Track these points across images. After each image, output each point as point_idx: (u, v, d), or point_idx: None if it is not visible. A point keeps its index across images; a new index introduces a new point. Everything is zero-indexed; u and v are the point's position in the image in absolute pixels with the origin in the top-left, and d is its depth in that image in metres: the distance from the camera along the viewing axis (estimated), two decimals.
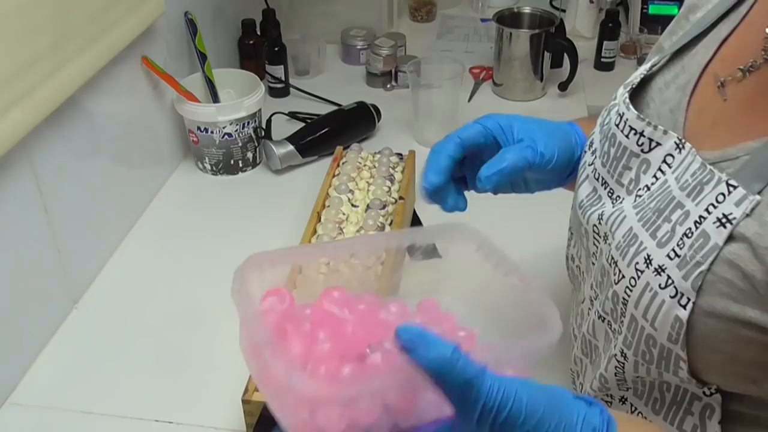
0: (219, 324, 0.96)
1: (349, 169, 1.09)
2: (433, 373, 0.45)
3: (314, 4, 1.65)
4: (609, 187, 0.66)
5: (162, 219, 1.17)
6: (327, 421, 0.48)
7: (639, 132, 0.62)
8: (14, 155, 0.83)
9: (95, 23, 0.95)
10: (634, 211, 0.61)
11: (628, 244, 0.59)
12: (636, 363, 0.60)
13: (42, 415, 0.85)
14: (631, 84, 0.67)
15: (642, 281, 0.57)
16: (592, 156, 0.69)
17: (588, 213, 0.67)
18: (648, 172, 0.62)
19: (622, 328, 0.61)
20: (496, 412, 0.46)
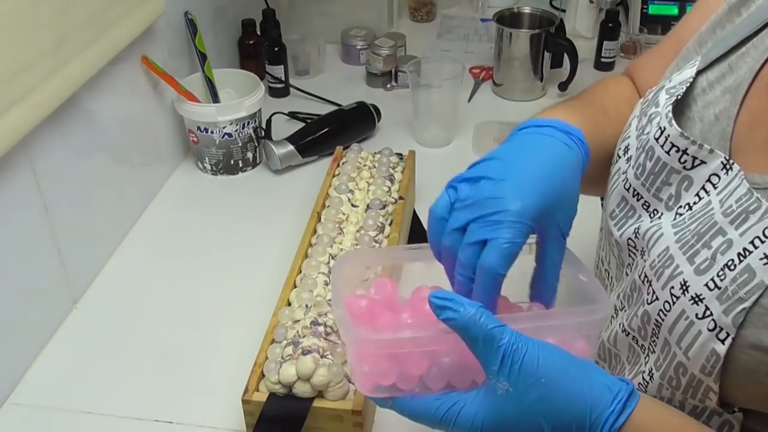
0: (219, 324, 0.97)
1: (349, 169, 1.09)
2: (459, 329, 0.50)
3: (314, 4, 1.65)
4: (644, 200, 0.62)
5: (162, 219, 1.17)
6: (379, 371, 0.54)
7: (682, 150, 0.58)
8: (14, 155, 0.83)
9: (95, 23, 0.95)
10: (673, 231, 0.58)
11: (663, 265, 0.57)
12: (660, 386, 0.59)
13: (42, 415, 0.85)
14: (676, 94, 0.62)
15: (677, 307, 0.55)
16: (626, 164, 0.64)
17: (623, 226, 0.64)
18: (690, 189, 0.58)
19: (654, 348, 0.59)
20: (513, 360, 0.49)
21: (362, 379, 0.56)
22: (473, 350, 0.51)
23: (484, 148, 1.32)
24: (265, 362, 0.78)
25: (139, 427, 0.83)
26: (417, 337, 0.53)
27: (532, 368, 0.49)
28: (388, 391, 0.55)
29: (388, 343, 0.54)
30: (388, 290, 0.62)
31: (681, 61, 0.68)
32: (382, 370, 0.55)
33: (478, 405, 0.51)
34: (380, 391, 0.56)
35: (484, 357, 0.50)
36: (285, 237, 1.09)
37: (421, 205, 1.17)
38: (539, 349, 0.50)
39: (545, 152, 0.60)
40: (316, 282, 0.88)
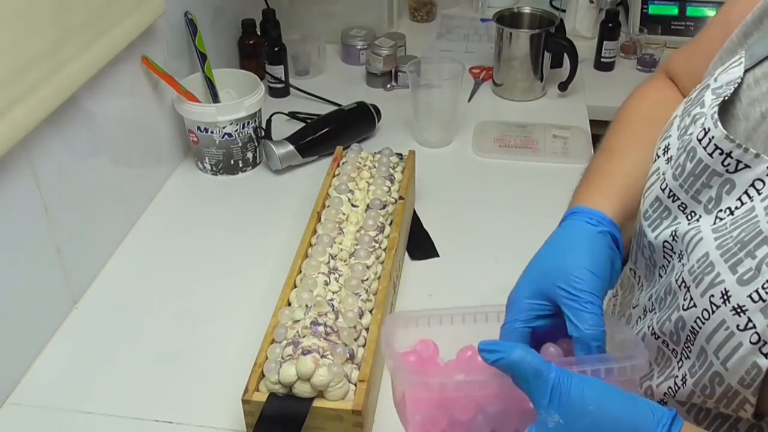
0: (219, 324, 0.97)
1: (349, 169, 1.09)
2: (509, 368, 0.53)
3: (314, 4, 1.65)
4: (680, 201, 0.61)
5: (162, 219, 1.17)
6: (428, 417, 0.58)
7: (726, 152, 0.56)
8: (14, 155, 0.83)
9: (95, 23, 0.95)
10: (713, 236, 0.56)
11: (703, 272, 0.56)
12: (692, 393, 0.59)
13: (42, 415, 0.85)
14: (723, 95, 0.60)
15: (717, 317, 0.54)
16: (666, 164, 0.63)
17: (657, 228, 0.63)
18: (732, 193, 0.57)
19: (689, 354, 0.58)
20: (561, 392, 0.51)
21: (414, 427, 0.59)
22: (523, 387, 0.53)
23: (484, 148, 1.32)
24: (265, 362, 0.78)
25: (139, 427, 0.83)
26: (469, 381, 0.56)
27: (579, 398, 0.52)
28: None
29: (441, 386, 0.56)
30: (431, 350, 0.65)
31: (725, 54, 0.66)
32: (432, 417, 0.58)
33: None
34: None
35: (534, 392, 0.52)
36: (285, 237, 1.09)
37: (421, 205, 1.17)
38: (584, 380, 0.53)
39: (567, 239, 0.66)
40: (316, 282, 0.88)
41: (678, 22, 1.66)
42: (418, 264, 1.07)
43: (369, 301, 0.88)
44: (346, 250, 0.95)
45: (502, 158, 1.30)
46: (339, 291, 0.88)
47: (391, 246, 0.97)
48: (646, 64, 1.59)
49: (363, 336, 0.84)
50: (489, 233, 1.10)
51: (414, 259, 1.07)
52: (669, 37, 1.63)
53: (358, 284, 0.88)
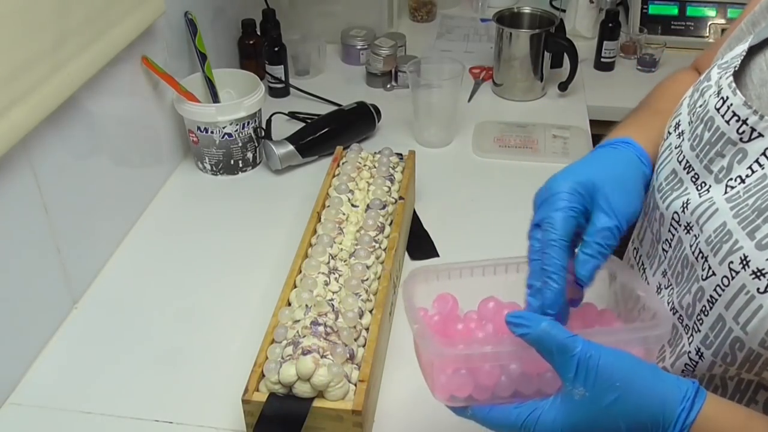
0: (219, 324, 0.97)
1: (349, 169, 1.09)
2: (535, 342, 0.54)
3: (314, 4, 1.65)
4: (694, 172, 0.63)
5: (162, 219, 1.17)
6: (457, 385, 0.59)
7: (743, 120, 0.59)
8: (14, 155, 0.83)
9: (95, 23, 0.95)
10: (728, 205, 0.58)
11: (721, 240, 0.57)
12: (713, 363, 0.59)
13: (42, 415, 0.85)
14: (732, 66, 0.62)
15: (736, 282, 0.55)
16: (678, 138, 0.66)
17: (669, 199, 0.65)
18: (743, 162, 0.59)
19: (699, 326, 0.60)
20: (588, 367, 0.53)
21: (440, 390, 0.60)
22: (549, 361, 0.54)
23: (484, 148, 1.32)
24: (265, 362, 0.78)
25: (139, 427, 0.83)
26: (495, 352, 0.57)
27: (606, 373, 0.53)
28: (464, 401, 0.60)
29: (468, 358, 0.58)
30: (450, 304, 0.66)
31: (733, 42, 0.68)
32: (459, 382, 0.59)
33: (557, 410, 0.55)
34: (457, 400, 0.60)
35: (560, 366, 0.54)
36: (285, 237, 1.09)
37: (421, 205, 1.17)
38: (611, 354, 0.53)
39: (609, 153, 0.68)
40: (316, 282, 0.88)
41: (678, 22, 1.66)
42: (418, 264, 1.07)
43: (369, 301, 0.88)
44: (346, 250, 0.95)
45: (502, 158, 1.30)
46: (339, 291, 0.88)
47: (391, 246, 0.97)
48: (646, 64, 1.59)
49: (363, 336, 0.84)
50: (489, 233, 1.10)
51: (414, 259, 1.07)
52: (669, 37, 1.63)
53: (358, 284, 0.88)
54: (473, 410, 0.59)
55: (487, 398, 0.60)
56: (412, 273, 0.67)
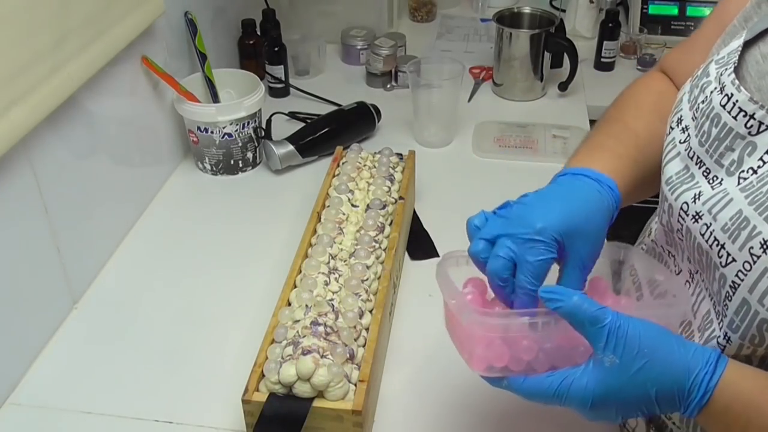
0: (219, 324, 0.97)
1: (349, 169, 1.09)
2: (567, 314, 0.57)
3: (314, 4, 1.65)
4: (705, 167, 0.65)
5: (162, 219, 1.17)
6: (495, 355, 0.62)
7: (750, 114, 0.61)
8: (14, 155, 0.83)
9: (95, 23, 0.95)
10: (743, 195, 0.60)
11: (739, 227, 0.59)
12: (741, 345, 0.62)
13: (42, 415, 0.85)
14: (732, 62, 0.64)
15: (759, 266, 0.57)
16: (682, 134, 0.68)
17: (678, 191, 0.67)
18: (753, 155, 0.61)
19: (726, 311, 0.62)
20: (618, 336, 0.56)
21: (478, 361, 0.63)
22: (581, 331, 0.58)
23: (484, 148, 1.32)
24: (265, 362, 0.78)
25: (139, 427, 0.83)
26: (532, 323, 0.61)
27: (635, 341, 0.56)
28: (500, 372, 0.62)
29: (508, 327, 0.61)
30: (481, 287, 0.69)
31: (727, 37, 0.70)
32: (497, 353, 0.62)
33: (588, 377, 0.58)
34: (493, 371, 0.63)
35: (591, 336, 0.57)
36: (285, 237, 1.09)
37: (421, 205, 1.17)
38: (638, 324, 0.57)
39: (575, 191, 0.68)
40: (316, 282, 0.88)
41: (678, 22, 1.66)
42: (418, 264, 1.07)
43: (369, 301, 0.88)
44: (346, 250, 0.95)
45: (502, 158, 1.30)
46: (339, 291, 0.88)
47: (391, 246, 0.97)
48: (646, 64, 1.59)
49: (363, 336, 0.84)
50: None
51: (414, 259, 1.07)
52: (669, 37, 1.63)
53: (358, 284, 0.88)
54: (509, 381, 0.62)
55: (522, 369, 0.62)
56: (445, 256, 0.70)
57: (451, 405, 0.85)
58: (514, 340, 0.62)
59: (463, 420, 0.84)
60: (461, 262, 0.70)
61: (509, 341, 0.62)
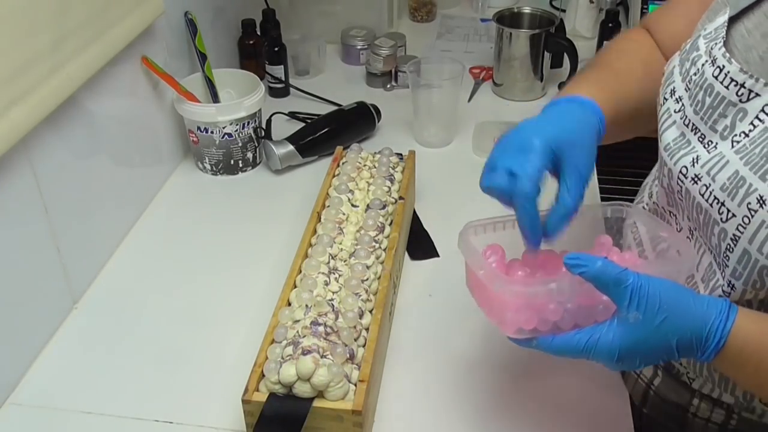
0: (219, 324, 0.97)
1: (349, 169, 1.09)
2: (592, 278, 0.62)
3: (314, 4, 1.65)
4: (701, 132, 0.71)
5: (162, 219, 1.17)
6: (524, 318, 0.67)
7: (740, 84, 0.67)
8: (14, 155, 0.83)
9: (94, 23, 0.95)
10: (737, 156, 0.66)
11: (736, 186, 0.65)
12: (744, 291, 0.68)
13: (42, 415, 0.85)
14: (720, 37, 0.70)
15: (757, 219, 0.63)
16: (676, 104, 0.74)
17: (677, 156, 0.72)
18: (744, 120, 0.67)
19: (727, 262, 0.68)
20: (640, 294, 0.61)
21: (509, 324, 0.68)
22: (605, 293, 0.63)
23: (484, 148, 1.32)
24: (265, 362, 0.78)
25: (139, 427, 0.83)
26: (559, 288, 0.66)
27: (655, 298, 0.62)
28: (529, 333, 0.68)
29: (536, 293, 0.66)
30: (500, 254, 0.74)
31: (711, 14, 0.75)
32: (526, 316, 0.67)
33: (614, 333, 0.63)
34: (523, 333, 0.68)
35: (616, 296, 0.62)
36: (285, 237, 1.09)
37: (421, 205, 1.17)
38: (657, 282, 0.62)
39: (562, 112, 0.75)
40: (316, 282, 0.88)
41: None
42: (418, 264, 1.07)
43: (369, 301, 0.88)
44: (346, 250, 0.95)
45: None
46: (339, 291, 0.88)
47: (391, 246, 0.97)
48: None
49: (363, 336, 0.84)
50: None
51: (414, 259, 1.07)
52: None
53: (358, 284, 0.88)
54: (538, 341, 0.67)
55: (549, 329, 0.67)
56: (465, 226, 0.75)
57: (451, 405, 0.85)
58: (541, 303, 0.66)
59: (464, 420, 0.84)
60: (479, 231, 0.75)
61: (536, 305, 0.67)
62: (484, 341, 0.93)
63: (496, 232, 0.76)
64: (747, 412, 0.80)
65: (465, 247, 0.72)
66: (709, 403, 0.83)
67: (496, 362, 0.90)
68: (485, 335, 0.94)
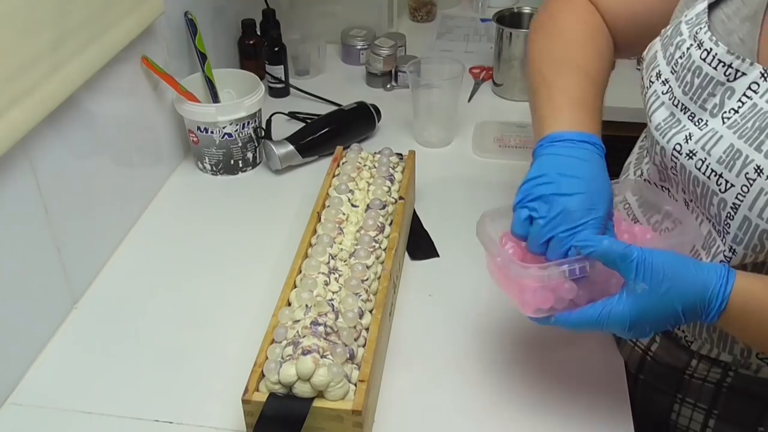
0: (219, 324, 0.97)
1: (349, 169, 1.09)
2: (601, 256, 0.67)
3: (314, 4, 1.65)
4: (690, 111, 0.74)
5: (162, 219, 1.17)
6: (541, 299, 0.72)
7: (728, 64, 0.71)
8: (14, 155, 0.83)
9: (94, 23, 0.95)
10: (730, 131, 0.70)
11: (733, 158, 0.69)
12: (745, 255, 0.72)
13: (42, 415, 0.85)
14: (704, 22, 0.74)
15: (755, 187, 0.67)
16: (663, 86, 0.77)
17: (669, 134, 0.76)
18: (732, 97, 0.71)
19: (728, 229, 0.71)
20: (645, 266, 0.66)
21: (528, 305, 0.73)
22: (614, 268, 0.67)
23: (484, 148, 1.32)
24: (265, 362, 0.78)
25: (139, 427, 0.83)
26: (571, 268, 0.70)
27: (660, 268, 0.66)
28: (547, 312, 0.72)
29: (552, 275, 0.70)
30: (514, 239, 0.77)
31: (689, 1, 0.79)
32: (543, 297, 0.72)
33: (624, 304, 0.68)
34: (541, 312, 0.73)
35: (623, 270, 0.67)
36: (285, 237, 1.09)
37: (421, 205, 1.17)
38: (660, 254, 0.67)
39: (587, 165, 0.76)
40: (316, 282, 0.88)
41: None
42: (418, 264, 1.07)
43: (369, 301, 0.88)
44: (346, 250, 0.95)
45: (502, 158, 1.30)
46: (339, 291, 0.88)
47: (391, 246, 0.97)
48: None
49: (363, 336, 0.84)
50: None
51: (414, 259, 1.07)
52: None
53: (358, 284, 0.88)
54: (556, 318, 0.72)
55: (565, 307, 0.72)
56: (482, 215, 0.79)
57: (451, 405, 0.85)
58: (555, 284, 0.71)
59: (464, 420, 0.84)
60: (495, 218, 0.79)
61: (551, 286, 0.71)
62: (484, 341, 0.93)
63: (509, 219, 0.79)
64: (743, 368, 0.84)
65: (483, 236, 0.77)
66: (708, 363, 0.86)
67: (495, 362, 0.90)
68: (485, 335, 0.94)
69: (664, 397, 0.93)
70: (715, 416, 0.89)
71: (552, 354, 0.92)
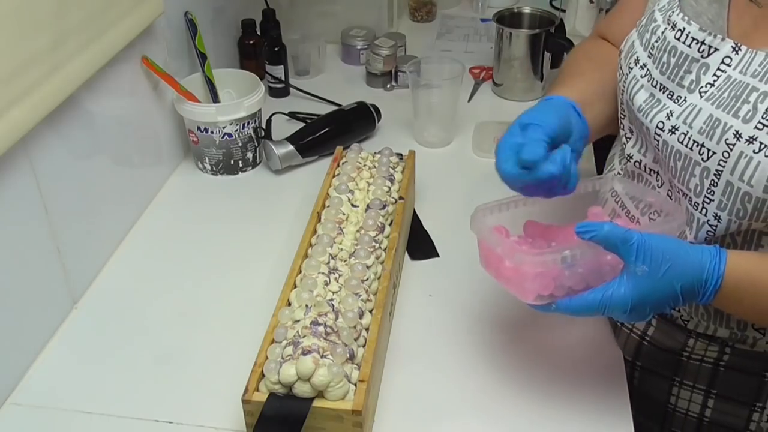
0: (219, 324, 0.97)
1: (349, 169, 1.09)
2: (602, 240, 0.70)
3: (314, 4, 1.65)
4: (669, 90, 0.78)
5: (162, 219, 1.17)
6: (541, 285, 0.73)
7: (701, 41, 0.75)
8: (14, 155, 0.83)
9: (94, 23, 0.95)
10: (708, 103, 0.74)
11: (713, 127, 0.73)
12: (729, 222, 0.75)
13: (42, 415, 0.85)
14: (676, 6, 0.79)
15: (735, 151, 0.71)
16: (641, 70, 0.82)
17: (650, 114, 0.79)
18: (708, 72, 0.75)
19: (712, 197, 0.75)
20: (645, 249, 0.69)
21: (528, 292, 0.74)
22: (614, 252, 0.70)
23: (485, 148, 1.32)
24: (265, 362, 0.78)
25: (139, 427, 0.83)
26: (573, 254, 0.72)
27: (658, 251, 0.69)
28: (548, 299, 0.74)
29: (554, 260, 0.72)
30: (505, 233, 0.80)
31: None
32: (543, 283, 0.73)
33: (624, 287, 0.70)
34: (541, 299, 0.74)
35: (624, 253, 0.69)
36: (285, 237, 1.09)
37: (421, 205, 1.17)
38: (657, 238, 0.70)
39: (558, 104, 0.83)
40: (316, 282, 0.88)
41: None
42: (418, 264, 1.07)
43: (369, 301, 0.88)
44: (346, 250, 0.95)
45: None
46: (339, 291, 0.88)
47: (391, 246, 0.97)
48: None
49: (363, 336, 0.84)
50: None
51: (414, 259, 1.07)
52: None
53: (358, 284, 0.88)
54: (557, 304, 0.73)
55: (564, 293, 0.73)
56: (476, 209, 0.81)
57: (451, 405, 0.85)
58: (556, 270, 0.72)
59: (464, 420, 0.84)
60: (488, 212, 0.82)
61: (552, 272, 0.73)
62: (484, 341, 0.93)
63: (501, 212, 0.83)
64: (740, 343, 0.87)
65: (479, 228, 0.78)
66: (705, 340, 0.89)
67: (495, 361, 0.90)
68: (485, 335, 0.94)
69: (662, 382, 0.95)
70: (714, 396, 0.92)
71: (552, 353, 0.92)
